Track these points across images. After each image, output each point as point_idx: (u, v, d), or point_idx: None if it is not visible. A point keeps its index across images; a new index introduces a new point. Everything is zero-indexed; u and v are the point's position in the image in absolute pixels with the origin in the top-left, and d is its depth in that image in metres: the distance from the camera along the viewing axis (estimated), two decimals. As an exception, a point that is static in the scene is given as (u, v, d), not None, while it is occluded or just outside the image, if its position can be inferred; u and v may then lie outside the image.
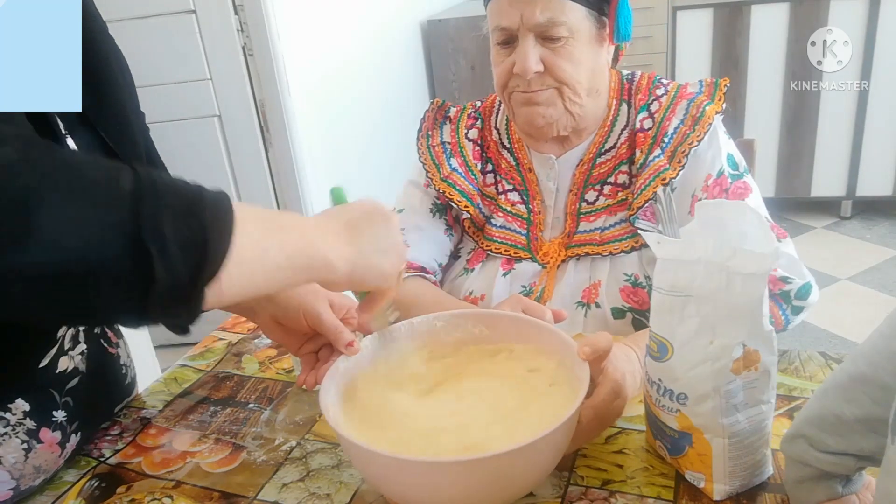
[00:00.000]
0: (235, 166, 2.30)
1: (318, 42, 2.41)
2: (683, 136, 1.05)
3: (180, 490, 0.81)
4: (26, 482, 0.80)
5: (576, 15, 1.00)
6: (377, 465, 0.67)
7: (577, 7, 0.99)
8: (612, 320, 1.06)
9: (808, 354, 0.94)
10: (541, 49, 1.01)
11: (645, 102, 1.09)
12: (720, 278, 0.66)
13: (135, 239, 0.49)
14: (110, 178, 0.50)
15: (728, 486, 0.71)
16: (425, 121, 1.24)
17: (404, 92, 3.12)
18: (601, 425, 0.78)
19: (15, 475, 0.78)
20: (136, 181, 0.51)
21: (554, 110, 1.05)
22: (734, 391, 0.68)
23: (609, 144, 1.11)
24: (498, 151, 1.18)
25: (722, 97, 1.08)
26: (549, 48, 1.01)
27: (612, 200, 1.10)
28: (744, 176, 1.06)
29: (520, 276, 1.13)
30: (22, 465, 0.79)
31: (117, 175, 0.51)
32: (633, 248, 1.07)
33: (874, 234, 3.11)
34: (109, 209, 0.49)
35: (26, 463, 0.79)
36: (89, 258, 0.48)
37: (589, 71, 1.04)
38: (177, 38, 2.16)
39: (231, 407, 0.96)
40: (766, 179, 3.17)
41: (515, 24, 1.00)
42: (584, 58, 1.02)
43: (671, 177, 1.04)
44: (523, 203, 1.16)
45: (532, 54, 1.01)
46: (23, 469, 0.79)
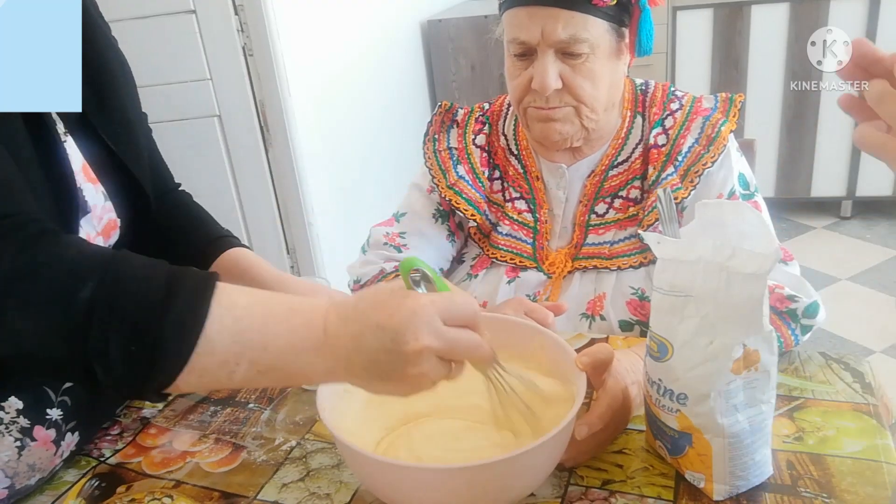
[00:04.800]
0: (235, 166, 2.29)
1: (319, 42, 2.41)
2: (698, 155, 1.04)
3: (180, 490, 0.81)
4: (21, 481, 0.80)
5: (598, 30, 0.97)
6: (371, 468, 0.67)
7: (598, 22, 0.97)
8: (620, 333, 1.06)
9: (808, 354, 0.94)
10: (560, 65, 0.99)
11: (660, 118, 1.08)
12: (720, 278, 0.66)
13: (80, 352, 0.54)
14: (70, 289, 0.54)
15: (728, 486, 0.71)
16: (432, 124, 1.22)
17: (404, 92, 3.12)
18: (599, 444, 0.77)
19: (9, 473, 0.78)
20: (94, 293, 0.54)
21: (571, 127, 1.04)
22: (734, 391, 0.68)
23: (622, 157, 1.10)
24: (506, 158, 1.17)
25: (737, 114, 1.07)
26: (569, 64, 0.99)
27: (623, 215, 1.09)
28: (755, 195, 1.06)
29: (524, 285, 1.13)
30: (15, 464, 0.79)
31: (80, 283, 0.54)
32: (642, 264, 1.07)
33: (874, 234, 3.11)
34: (59, 322, 0.54)
35: (20, 461, 0.79)
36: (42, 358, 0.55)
37: (607, 86, 1.02)
38: (177, 38, 2.16)
39: (231, 407, 0.96)
40: (766, 179, 3.17)
41: (535, 39, 0.97)
42: (604, 73, 1.00)
43: (683, 196, 1.03)
44: (530, 212, 1.15)
45: (551, 71, 0.98)
46: (16, 467, 0.79)
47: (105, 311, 0.53)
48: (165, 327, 0.54)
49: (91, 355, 0.53)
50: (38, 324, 0.54)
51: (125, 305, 0.54)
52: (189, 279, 0.57)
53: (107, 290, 0.54)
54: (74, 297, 0.53)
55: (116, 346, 0.53)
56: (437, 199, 1.18)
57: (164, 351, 0.54)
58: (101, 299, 0.54)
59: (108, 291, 0.54)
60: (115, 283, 0.54)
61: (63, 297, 0.54)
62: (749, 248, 0.65)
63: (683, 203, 1.03)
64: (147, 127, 1.00)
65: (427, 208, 1.19)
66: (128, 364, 0.54)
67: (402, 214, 1.21)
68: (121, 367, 0.54)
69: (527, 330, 0.82)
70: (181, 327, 0.54)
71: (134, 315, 0.54)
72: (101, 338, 0.53)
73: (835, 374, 0.89)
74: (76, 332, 0.53)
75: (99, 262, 0.56)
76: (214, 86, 2.22)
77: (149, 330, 0.54)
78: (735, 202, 1.01)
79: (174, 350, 0.54)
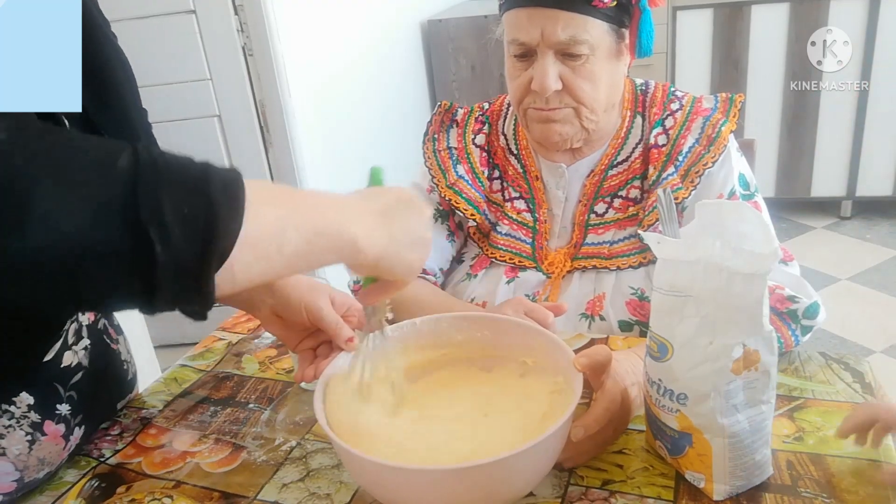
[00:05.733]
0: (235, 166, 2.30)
1: (319, 42, 2.41)
2: (698, 156, 1.04)
3: (180, 490, 0.81)
4: (30, 474, 0.81)
5: (597, 31, 0.97)
6: (366, 468, 0.67)
7: (598, 23, 0.97)
8: (620, 333, 1.06)
9: (808, 354, 0.94)
10: (560, 66, 0.99)
11: (660, 118, 1.08)
12: (720, 278, 0.66)
13: (131, 219, 0.46)
14: (106, 157, 0.48)
15: (728, 486, 0.71)
16: (432, 124, 1.22)
17: (404, 92, 3.12)
18: (598, 445, 0.78)
19: (19, 466, 0.79)
20: (134, 159, 0.48)
21: (570, 128, 1.04)
22: (734, 391, 0.68)
23: (622, 157, 1.10)
24: (505, 158, 1.17)
25: (737, 114, 1.07)
26: (569, 65, 0.99)
27: (623, 215, 1.09)
28: (755, 196, 1.06)
29: (524, 285, 1.12)
30: (26, 457, 0.80)
31: (115, 154, 0.48)
32: (641, 264, 1.07)
33: (874, 234, 3.11)
34: (103, 189, 0.47)
35: (30, 455, 0.80)
36: (86, 241, 0.46)
37: (607, 87, 1.02)
38: (177, 38, 2.16)
39: (231, 407, 0.96)
40: (766, 179, 3.17)
41: (535, 41, 0.97)
42: (603, 74, 1.00)
43: (683, 196, 1.03)
44: (529, 211, 1.15)
45: (551, 72, 0.98)
46: (27, 460, 0.80)
47: (150, 176, 0.48)
48: (213, 191, 0.50)
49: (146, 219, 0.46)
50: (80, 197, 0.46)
51: (169, 172, 0.49)
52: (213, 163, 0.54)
53: (145, 160, 0.48)
54: (114, 166, 0.48)
55: (171, 206, 0.47)
56: (436, 199, 1.18)
57: (218, 211, 0.49)
58: (142, 167, 0.48)
59: (146, 161, 0.48)
60: (151, 156, 0.49)
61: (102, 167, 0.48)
62: (749, 249, 0.65)
63: (684, 203, 1.03)
64: (147, 123, 1.00)
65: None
66: (185, 226, 0.48)
67: None
68: (181, 233, 0.47)
69: (526, 330, 0.82)
70: (228, 186, 0.51)
71: (180, 179, 0.49)
72: (153, 199, 0.47)
73: (835, 374, 0.89)
74: (125, 197, 0.47)
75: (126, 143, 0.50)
76: (214, 86, 2.22)
77: (198, 188, 0.49)
78: (735, 202, 1.01)
79: (227, 212, 0.50)
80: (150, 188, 0.47)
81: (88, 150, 0.49)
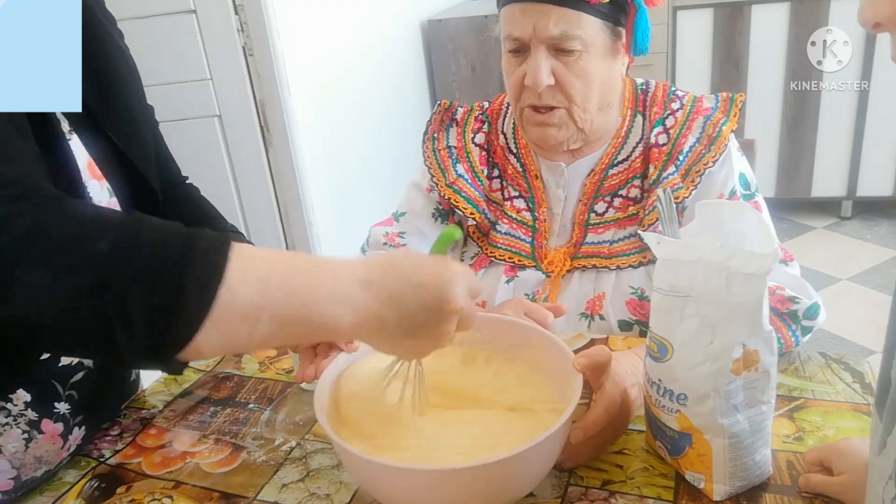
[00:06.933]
0: (235, 166, 2.29)
1: (319, 42, 2.41)
2: (699, 155, 1.04)
3: (180, 490, 0.81)
4: (27, 472, 0.80)
5: (591, 28, 0.97)
6: (366, 468, 0.67)
7: (592, 20, 0.97)
8: (619, 332, 1.06)
9: (808, 354, 0.94)
10: (553, 61, 0.99)
11: (660, 117, 1.08)
12: (720, 278, 0.66)
13: (97, 309, 0.51)
14: (88, 238, 0.52)
15: (728, 486, 0.71)
16: (432, 123, 1.22)
17: (404, 92, 3.12)
18: (597, 446, 0.77)
19: (15, 464, 0.79)
20: (115, 243, 0.52)
21: (566, 131, 1.04)
22: (734, 391, 0.68)
23: (622, 156, 1.10)
24: (505, 156, 1.17)
25: (738, 114, 1.07)
26: (562, 61, 0.99)
27: (623, 214, 1.09)
28: (755, 196, 1.06)
29: (523, 284, 1.12)
30: (22, 455, 0.79)
31: (99, 233, 0.52)
32: (641, 263, 1.06)
33: (874, 234, 3.11)
34: (78, 275, 0.51)
35: (27, 453, 0.80)
36: (62, 317, 0.51)
37: (600, 86, 1.02)
38: (177, 38, 2.16)
39: (231, 407, 0.96)
40: (766, 179, 3.17)
41: (528, 35, 0.98)
42: (597, 72, 1.00)
43: (684, 196, 1.03)
44: (529, 210, 1.15)
45: (543, 67, 0.98)
46: (23, 458, 0.80)
47: (124, 264, 0.51)
48: (186, 279, 0.52)
49: (110, 310, 0.50)
50: (55, 279, 0.50)
51: (144, 258, 0.52)
52: (206, 235, 0.55)
53: (125, 244, 0.52)
54: (92, 251, 0.51)
55: (137, 298, 0.51)
56: (436, 199, 1.18)
57: (185, 301, 0.51)
58: (120, 252, 0.51)
59: (126, 245, 0.52)
60: (133, 237, 0.52)
61: (80, 251, 0.51)
62: (749, 249, 0.65)
63: (684, 203, 1.03)
64: (153, 120, 1.00)
65: (426, 208, 1.19)
66: (148, 318, 0.51)
67: (401, 214, 1.21)
68: (141, 323, 0.51)
69: (526, 330, 0.82)
70: (202, 278, 0.52)
71: (153, 266, 0.52)
72: (120, 291, 0.51)
73: (835, 374, 0.89)
74: (94, 285, 0.51)
75: (116, 220, 0.54)
76: (214, 86, 2.22)
77: (169, 281, 0.51)
78: (735, 202, 1.01)
79: (196, 300, 0.52)
80: (119, 279, 0.51)
81: (70, 230, 0.53)
